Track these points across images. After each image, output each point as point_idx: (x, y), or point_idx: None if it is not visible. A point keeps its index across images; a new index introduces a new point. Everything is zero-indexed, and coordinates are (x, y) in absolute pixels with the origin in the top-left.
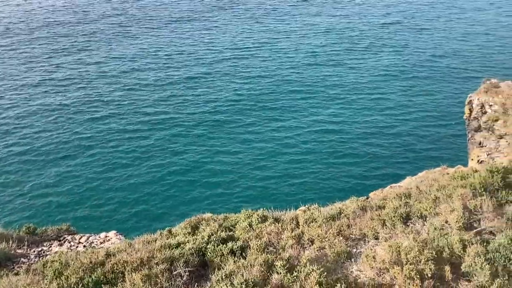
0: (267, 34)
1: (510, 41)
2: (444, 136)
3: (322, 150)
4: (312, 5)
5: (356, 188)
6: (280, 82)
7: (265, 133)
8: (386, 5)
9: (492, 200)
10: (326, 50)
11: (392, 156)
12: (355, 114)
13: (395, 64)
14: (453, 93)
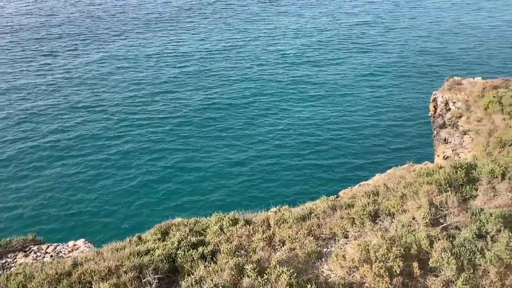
0: (235, 36)
1: (471, 39)
2: (412, 133)
3: (293, 150)
4: (280, 5)
5: (326, 187)
6: (250, 83)
7: (237, 136)
8: (354, 6)
9: (456, 196)
10: (296, 50)
11: (362, 154)
12: (325, 114)
13: (363, 64)
14: (420, 91)
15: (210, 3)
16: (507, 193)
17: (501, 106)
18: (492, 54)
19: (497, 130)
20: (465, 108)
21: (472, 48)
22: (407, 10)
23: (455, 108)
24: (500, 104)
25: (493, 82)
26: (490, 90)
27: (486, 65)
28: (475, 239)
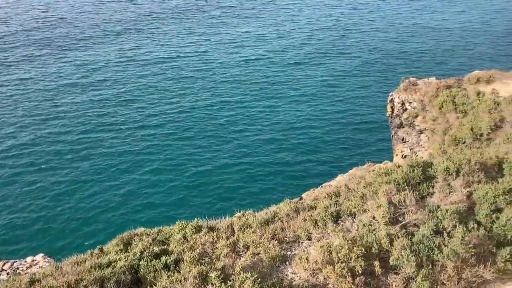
0: (197, 42)
1: (427, 41)
2: (373, 133)
3: (257, 155)
4: (241, 11)
5: (291, 190)
6: (213, 92)
7: (201, 142)
8: (313, 11)
9: (414, 194)
10: (258, 58)
11: (325, 155)
12: (287, 118)
13: (324, 67)
14: (381, 91)
15: (172, 10)
16: (461, 189)
17: (454, 105)
18: (446, 55)
19: (452, 128)
20: (421, 108)
21: (428, 50)
22: (365, 14)
23: (411, 108)
24: (453, 103)
25: (447, 82)
26: (444, 90)
27: (440, 65)
28: (432, 236)
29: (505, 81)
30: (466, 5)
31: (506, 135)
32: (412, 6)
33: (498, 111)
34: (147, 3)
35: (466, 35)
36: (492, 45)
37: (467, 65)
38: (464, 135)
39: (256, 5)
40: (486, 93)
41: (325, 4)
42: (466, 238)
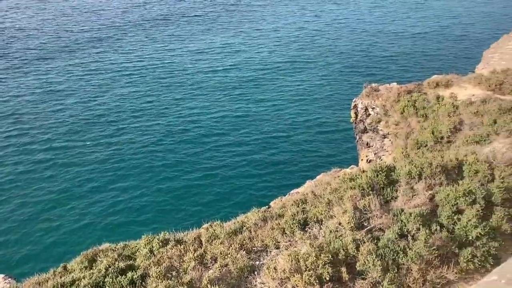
0: (163, 54)
1: (388, 48)
2: (340, 139)
3: (224, 163)
4: (205, 22)
5: (259, 198)
6: (178, 104)
7: (162, 152)
8: (276, 17)
9: (379, 198)
10: (224, 67)
11: (293, 162)
12: (256, 126)
13: (290, 75)
14: (348, 98)
15: (136, 22)
16: (424, 192)
17: (415, 110)
18: (407, 60)
19: (413, 132)
20: (383, 113)
21: (389, 56)
22: (329, 22)
23: (374, 113)
24: (414, 107)
25: (407, 87)
26: (405, 95)
27: (401, 71)
28: (397, 239)
29: (462, 85)
30: (424, 12)
31: (465, 137)
32: (374, 14)
33: (457, 114)
34: (109, 14)
35: (425, 41)
36: (450, 50)
37: (426, 70)
38: (426, 138)
39: (220, 14)
40: (445, 97)
41: (290, 12)
42: (430, 241)
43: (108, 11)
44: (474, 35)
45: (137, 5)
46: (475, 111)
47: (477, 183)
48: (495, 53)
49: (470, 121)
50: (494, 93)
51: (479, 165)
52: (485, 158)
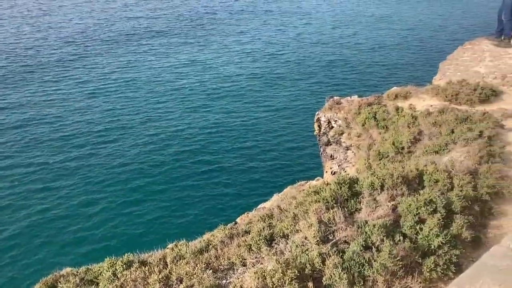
0: (127, 71)
1: (349, 61)
2: (307, 151)
3: (188, 178)
4: (167, 39)
5: (226, 214)
6: (139, 125)
7: (119, 171)
8: (240, 32)
9: (343, 211)
10: (191, 85)
11: (261, 175)
12: (223, 141)
13: (256, 90)
14: (311, 111)
15: (99, 39)
16: (386, 203)
17: (376, 121)
18: (367, 73)
19: (375, 144)
20: (346, 125)
21: (350, 68)
22: (294, 36)
23: (337, 126)
24: (375, 119)
25: (368, 100)
26: (366, 107)
27: (362, 83)
28: (362, 251)
29: (420, 96)
30: (384, 25)
31: (424, 147)
32: (335, 27)
33: (416, 125)
34: (68, 32)
35: (384, 54)
36: (408, 62)
37: (386, 82)
38: (387, 149)
39: (185, 30)
40: (405, 108)
41: (254, 28)
42: (394, 251)
43: (68, 28)
44: (431, 47)
45: (99, 22)
46: (433, 122)
47: (437, 192)
48: (451, 64)
49: (429, 131)
50: (451, 103)
51: (439, 174)
52: (444, 168)
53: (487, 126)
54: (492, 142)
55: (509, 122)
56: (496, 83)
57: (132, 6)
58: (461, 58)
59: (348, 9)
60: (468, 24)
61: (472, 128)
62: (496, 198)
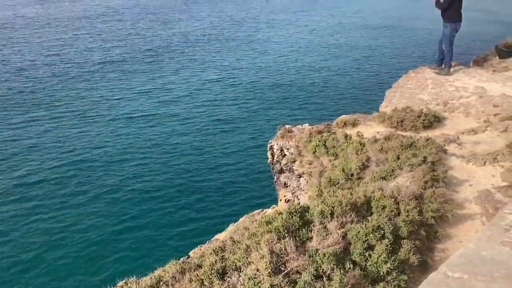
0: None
1: (303, 90)
2: (262, 179)
3: (138, 214)
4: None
5: (180, 248)
6: (85, 155)
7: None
8: (197, 61)
9: (294, 240)
10: (140, 114)
11: (216, 205)
12: (175, 169)
13: (211, 118)
14: (266, 139)
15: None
16: (336, 231)
17: (326, 149)
18: (318, 101)
19: (326, 171)
20: (297, 153)
21: (303, 97)
22: (250, 62)
23: (289, 154)
24: (325, 147)
25: (318, 127)
26: (316, 135)
27: (312, 111)
28: (313, 281)
29: (368, 123)
30: (334, 54)
31: (372, 173)
32: (289, 57)
33: (364, 152)
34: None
35: (334, 83)
36: (357, 90)
37: (336, 110)
38: (337, 176)
39: (141, 59)
40: (353, 136)
41: (210, 57)
42: (344, 280)
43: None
44: (378, 75)
45: (42, 60)
46: (380, 148)
47: (385, 218)
48: (396, 92)
49: (376, 158)
50: (397, 130)
51: (386, 200)
52: (391, 193)
53: (431, 151)
54: (436, 167)
55: (451, 147)
56: (439, 110)
57: (82, 38)
58: (406, 85)
59: (301, 38)
60: (412, 53)
61: (417, 154)
62: (441, 221)
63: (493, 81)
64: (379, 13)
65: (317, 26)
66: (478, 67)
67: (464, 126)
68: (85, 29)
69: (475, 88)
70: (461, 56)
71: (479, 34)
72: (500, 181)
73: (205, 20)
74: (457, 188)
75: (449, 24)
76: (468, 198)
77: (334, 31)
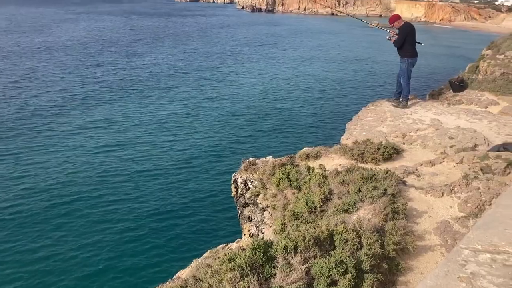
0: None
1: (266, 123)
2: (227, 212)
3: (99, 250)
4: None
5: (137, 286)
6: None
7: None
8: (164, 95)
9: (258, 278)
10: (101, 147)
11: (181, 239)
12: (136, 202)
13: (174, 154)
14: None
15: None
16: (300, 266)
17: (289, 182)
18: (280, 134)
19: (290, 204)
20: (261, 186)
21: (267, 130)
22: (214, 97)
23: (253, 187)
24: (288, 179)
25: (281, 160)
26: (279, 168)
27: (276, 144)
28: None
29: (330, 155)
30: (297, 86)
31: (334, 206)
32: (253, 90)
33: (326, 184)
34: None
35: (297, 115)
36: (319, 122)
37: (299, 142)
38: (301, 209)
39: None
40: (315, 168)
41: (176, 91)
42: None
43: None
44: (340, 107)
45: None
46: (342, 181)
47: (348, 252)
48: (356, 124)
49: (338, 191)
50: (358, 162)
51: (348, 234)
52: (353, 227)
53: (391, 183)
54: (396, 199)
55: (410, 179)
56: (398, 142)
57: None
58: (366, 118)
59: (265, 71)
60: (372, 86)
61: (377, 186)
62: (402, 254)
63: (448, 113)
64: (341, 48)
65: (280, 59)
66: (434, 100)
67: (422, 158)
68: (45, 61)
69: (431, 121)
70: (418, 89)
71: (434, 68)
72: (457, 212)
73: (170, 53)
74: (417, 220)
75: (405, 60)
76: (428, 229)
77: (297, 64)
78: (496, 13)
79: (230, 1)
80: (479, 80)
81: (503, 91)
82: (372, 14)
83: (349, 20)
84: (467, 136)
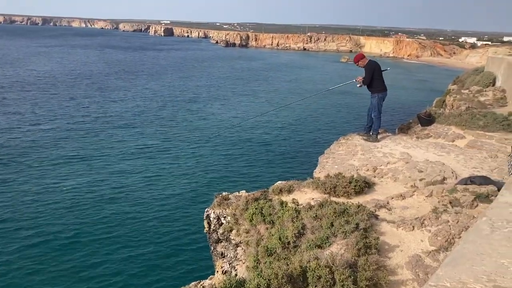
0: None
1: (240, 157)
2: (201, 248)
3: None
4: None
5: None
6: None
7: None
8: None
9: None
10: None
11: (155, 275)
12: (113, 243)
13: (137, 194)
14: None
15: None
16: None
17: (263, 217)
18: (254, 167)
19: (263, 239)
20: (234, 222)
21: (241, 163)
22: (187, 131)
23: (226, 223)
24: (262, 214)
25: (254, 195)
26: (253, 202)
27: (250, 178)
28: None
29: (303, 189)
30: (267, 121)
31: (307, 241)
32: (226, 123)
33: (299, 219)
34: None
35: (270, 148)
36: (292, 156)
37: (272, 177)
38: (274, 245)
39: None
40: (289, 203)
41: (150, 124)
42: None
43: None
44: (312, 140)
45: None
46: (315, 215)
47: None
48: (328, 158)
49: (311, 225)
50: (330, 196)
51: (321, 270)
52: (326, 263)
53: (362, 218)
54: (368, 233)
55: (382, 212)
56: (369, 175)
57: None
58: (337, 151)
59: (240, 106)
60: (343, 120)
61: (349, 221)
62: None
63: (417, 147)
64: (314, 81)
65: (255, 92)
66: (403, 134)
67: (393, 191)
68: (16, 95)
69: (401, 154)
70: (387, 123)
71: (404, 102)
72: (428, 246)
73: (144, 87)
74: (389, 254)
75: (376, 95)
76: (400, 264)
77: (271, 97)
78: (460, 50)
79: (204, 35)
80: (446, 114)
81: (468, 125)
82: (342, 49)
83: (321, 55)
84: (436, 170)
